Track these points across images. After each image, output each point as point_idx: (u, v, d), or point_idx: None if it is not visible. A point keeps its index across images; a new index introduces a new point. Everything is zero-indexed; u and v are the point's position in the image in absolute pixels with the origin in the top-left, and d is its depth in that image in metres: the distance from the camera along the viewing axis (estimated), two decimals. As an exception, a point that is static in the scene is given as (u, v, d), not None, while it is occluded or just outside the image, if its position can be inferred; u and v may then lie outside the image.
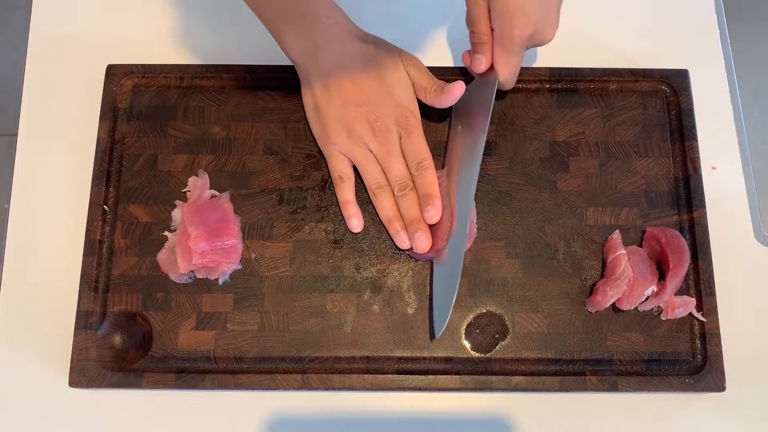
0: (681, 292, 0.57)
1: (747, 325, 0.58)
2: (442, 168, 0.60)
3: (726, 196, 0.62)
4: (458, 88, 0.56)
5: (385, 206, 0.59)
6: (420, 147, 0.58)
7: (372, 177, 0.59)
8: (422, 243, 0.56)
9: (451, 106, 0.59)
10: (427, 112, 0.61)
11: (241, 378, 0.55)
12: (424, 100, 0.59)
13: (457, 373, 0.55)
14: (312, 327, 0.57)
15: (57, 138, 0.63)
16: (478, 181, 0.60)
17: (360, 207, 0.59)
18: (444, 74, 0.61)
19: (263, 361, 0.56)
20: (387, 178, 0.59)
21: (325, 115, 0.58)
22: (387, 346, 0.56)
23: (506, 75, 0.57)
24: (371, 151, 0.59)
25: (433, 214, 0.56)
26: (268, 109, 0.62)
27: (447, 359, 0.56)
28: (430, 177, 0.57)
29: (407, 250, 0.58)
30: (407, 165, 0.59)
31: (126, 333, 0.57)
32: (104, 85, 0.62)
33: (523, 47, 0.56)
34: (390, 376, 0.55)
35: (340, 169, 0.59)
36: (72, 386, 0.55)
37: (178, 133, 0.61)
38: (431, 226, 0.57)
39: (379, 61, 0.58)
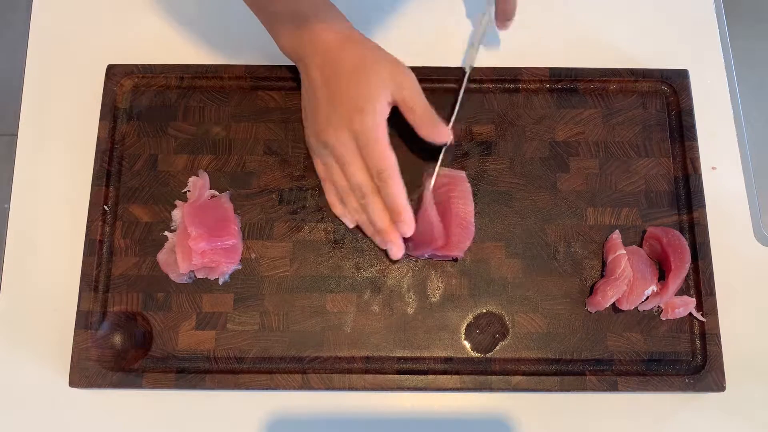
0: (681, 292, 0.57)
1: (747, 325, 0.58)
2: None
3: (726, 196, 0.62)
4: (447, 134, 0.56)
5: (353, 212, 0.58)
6: (378, 155, 0.53)
7: (338, 184, 0.57)
8: (395, 253, 0.56)
9: None
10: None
11: (241, 378, 0.55)
12: (410, 122, 0.56)
13: (457, 373, 0.55)
14: (312, 327, 0.57)
15: (57, 138, 0.63)
16: (478, 182, 0.60)
17: None
18: (444, 74, 0.62)
19: (263, 361, 0.56)
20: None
21: (313, 119, 0.57)
22: (387, 346, 0.56)
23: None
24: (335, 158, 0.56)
25: (405, 229, 0.54)
26: (268, 109, 0.62)
27: (447, 359, 0.56)
28: (393, 188, 0.53)
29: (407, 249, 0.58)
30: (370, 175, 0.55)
31: (126, 333, 0.57)
32: (104, 85, 0.62)
33: None
34: (390, 376, 0.55)
35: (321, 170, 0.59)
36: (72, 386, 0.55)
37: (178, 133, 0.61)
38: (425, 229, 0.55)
39: (364, 68, 0.55)
